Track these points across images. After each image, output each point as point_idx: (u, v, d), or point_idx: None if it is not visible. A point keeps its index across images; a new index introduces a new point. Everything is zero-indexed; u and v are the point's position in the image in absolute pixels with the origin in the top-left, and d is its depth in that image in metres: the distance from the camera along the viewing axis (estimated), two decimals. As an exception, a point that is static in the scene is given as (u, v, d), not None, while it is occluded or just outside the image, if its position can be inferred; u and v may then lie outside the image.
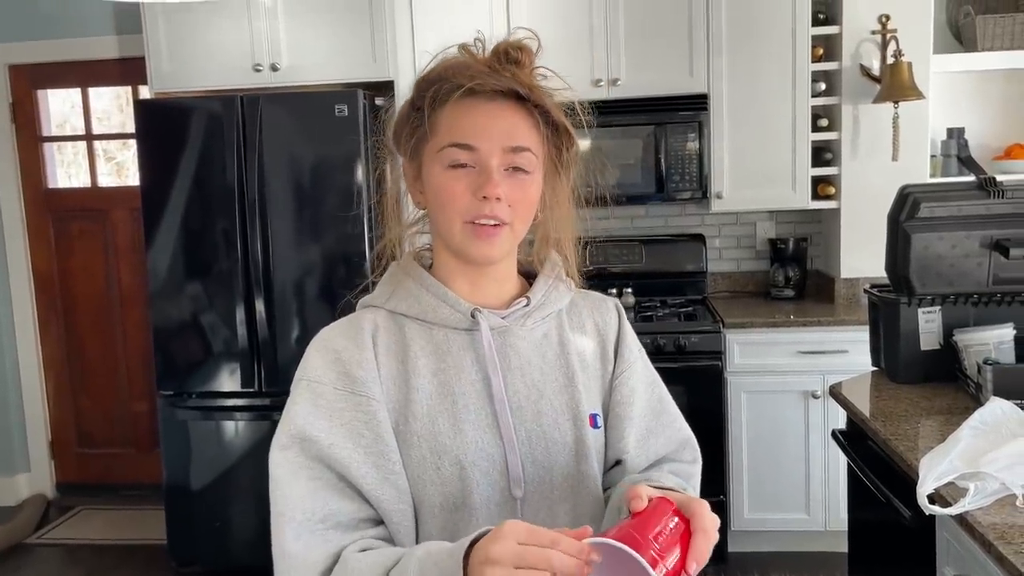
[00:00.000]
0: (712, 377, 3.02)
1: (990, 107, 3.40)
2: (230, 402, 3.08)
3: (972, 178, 2.06)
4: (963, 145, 3.26)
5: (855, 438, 1.98)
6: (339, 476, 0.91)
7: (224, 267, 3.02)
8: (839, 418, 2.37)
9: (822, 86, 3.27)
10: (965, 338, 1.92)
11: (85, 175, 4.00)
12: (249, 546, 3.04)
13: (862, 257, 3.22)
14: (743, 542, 3.15)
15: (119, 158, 4.15)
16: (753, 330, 3.04)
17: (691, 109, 3.21)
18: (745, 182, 3.26)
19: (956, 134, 3.27)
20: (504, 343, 1.00)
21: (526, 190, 0.96)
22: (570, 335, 1.05)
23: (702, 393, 2.99)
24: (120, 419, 4.01)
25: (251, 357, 3.04)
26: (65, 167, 4.11)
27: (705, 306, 3.36)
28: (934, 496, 1.38)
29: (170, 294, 3.06)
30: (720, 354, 3.02)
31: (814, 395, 3.00)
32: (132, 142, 3.59)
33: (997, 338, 1.89)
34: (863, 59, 3.18)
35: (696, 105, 3.21)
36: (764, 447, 3.06)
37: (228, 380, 3.06)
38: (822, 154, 3.33)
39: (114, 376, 4.00)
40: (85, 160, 3.98)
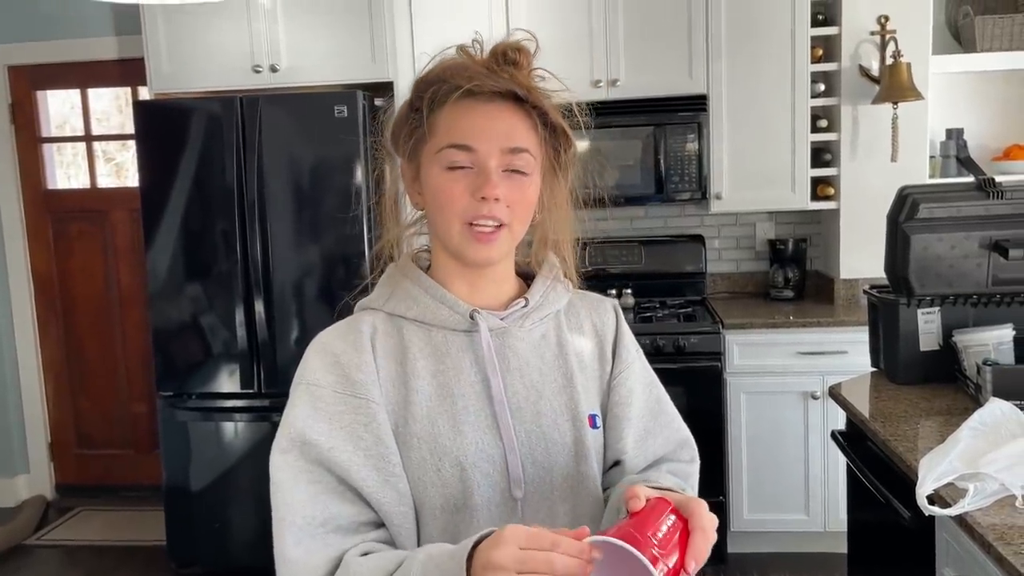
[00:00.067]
0: (711, 378, 3.02)
1: (989, 108, 3.40)
2: (230, 403, 3.08)
3: (971, 179, 2.06)
4: (962, 146, 3.27)
5: (854, 439, 1.98)
6: (339, 479, 0.91)
7: (223, 268, 3.02)
8: (838, 419, 2.37)
9: (821, 87, 3.27)
10: (964, 339, 1.92)
11: (84, 176, 4.00)
12: (249, 547, 3.04)
13: (861, 258, 3.22)
14: (742, 543, 3.15)
15: (118, 159, 4.15)
16: (752, 331, 3.04)
17: (690, 110, 3.21)
18: (744, 183, 3.26)
19: (955, 135, 3.27)
20: (503, 344, 1.00)
21: (524, 191, 0.96)
22: (568, 336, 1.05)
23: (701, 394, 2.99)
24: (119, 420, 4.01)
25: (251, 358, 3.04)
26: (64, 168, 4.11)
27: (704, 307, 3.36)
28: (933, 497, 1.38)
29: (169, 295, 3.06)
30: (719, 355, 3.02)
31: (813, 396, 3.00)
32: (131, 143, 3.59)
33: (996, 339, 1.89)
34: (862, 60, 3.18)
35: (695, 106, 3.21)
36: (763, 448, 3.06)
37: (228, 381, 3.06)
38: (821, 155, 3.33)
39: (113, 377, 4.00)
40: (84, 161, 3.98)
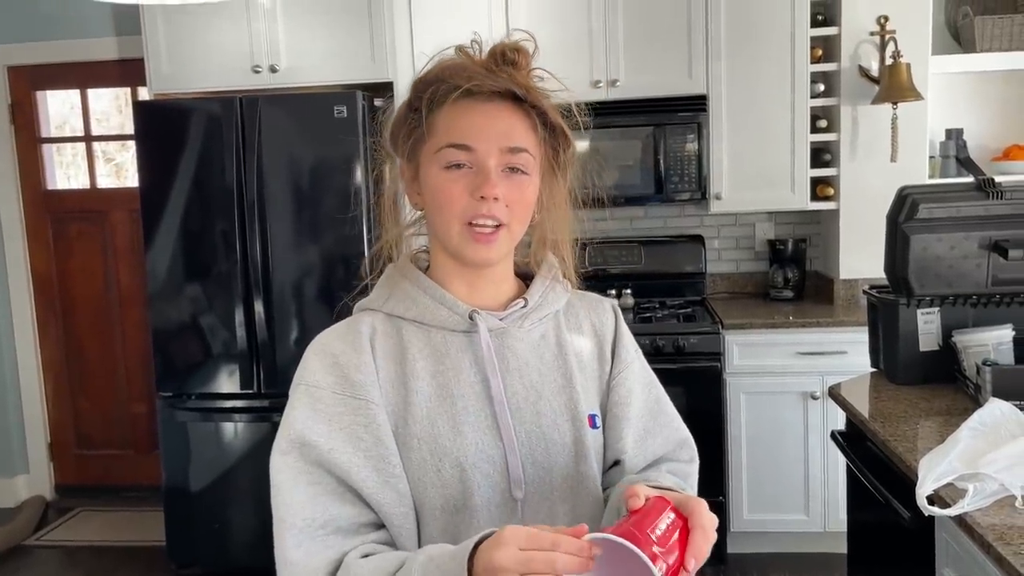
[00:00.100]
0: (711, 378, 3.01)
1: (989, 108, 3.40)
2: (229, 403, 3.08)
3: (971, 179, 2.06)
4: (962, 146, 3.27)
5: (854, 439, 1.98)
6: (339, 481, 0.91)
7: (223, 268, 3.02)
8: (838, 419, 2.37)
9: (821, 87, 3.27)
10: (964, 339, 1.92)
11: (84, 176, 3.99)
12: (248, 547, 3.04)
13: (861, 258, 3.22)
14: (742, 543, 3.15)
15: (118, 159, 4.15)
16: (752, 331, 3.04)
17: (690, 110, 3.21)
18: (744, 183, 3.26)
19: (955, 135, 3.27)
20: (502, 344, 1.00)
21: (523, 191, 0.96)
22: (567, 336, 1.05)
23: (701, 394, 2.99)
24: (119, 420, 4.01)
25: (250, 358, 3.04)
26: (64, 168, 4.11)
27: (704, 307, 3.36)
28: (933, 497, 1.38)
29: (169, 295, 3.06)
30: (719, 355, 3.02)
31: (813, 396, 3.00)
32: (131, 143, 3.59)
33: (996, 339, 1.89)
34: (862, 60, 3.18)
35: (695, 106, 3.21)
36: (763, 448, 3.06)
37: (227, 381, 3.06)
38: (821, 155, 3.33)
39: (113, 377, 4.00)
40: (84, 161, 3.98)
